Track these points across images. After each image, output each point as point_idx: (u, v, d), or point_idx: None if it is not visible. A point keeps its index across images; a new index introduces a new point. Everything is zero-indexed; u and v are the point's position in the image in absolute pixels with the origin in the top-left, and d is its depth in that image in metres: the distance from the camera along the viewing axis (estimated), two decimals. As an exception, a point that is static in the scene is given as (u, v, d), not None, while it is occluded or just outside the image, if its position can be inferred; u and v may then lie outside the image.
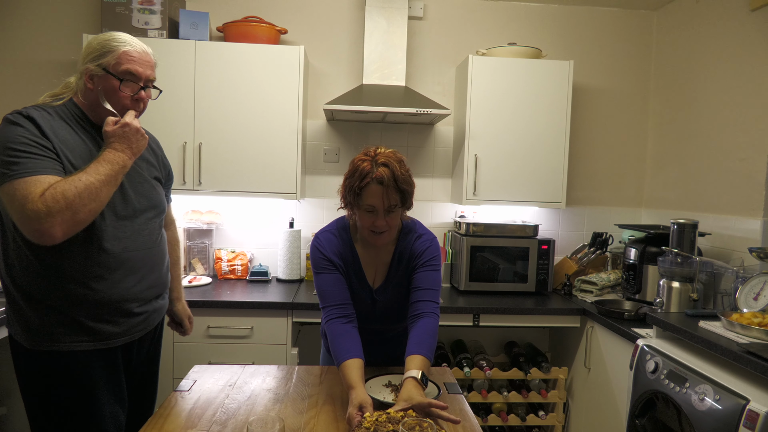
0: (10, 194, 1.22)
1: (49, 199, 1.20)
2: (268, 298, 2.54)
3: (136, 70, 1.41)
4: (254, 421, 1.13)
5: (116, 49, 1.39)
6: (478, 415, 2.65)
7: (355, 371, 1.39)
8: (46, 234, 1.22)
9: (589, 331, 2.58)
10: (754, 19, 2.41)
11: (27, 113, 1.31)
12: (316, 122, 3.07)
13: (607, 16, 3.18)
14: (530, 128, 2.84)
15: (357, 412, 1.28)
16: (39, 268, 1.33)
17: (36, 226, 1.20)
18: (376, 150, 1.50)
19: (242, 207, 3.02)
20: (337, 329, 1.50)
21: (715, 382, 1.60)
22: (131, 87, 1.41)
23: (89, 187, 1.26)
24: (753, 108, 2.40)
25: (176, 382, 2.42)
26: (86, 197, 1.25)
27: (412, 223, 1.66)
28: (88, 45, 1.43)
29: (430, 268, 1.58)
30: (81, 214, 1.25)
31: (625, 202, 3.26)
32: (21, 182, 1.22)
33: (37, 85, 2.87)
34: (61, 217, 1.22)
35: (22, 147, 1.25)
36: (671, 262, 2.27)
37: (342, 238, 1.61)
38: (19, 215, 1.22)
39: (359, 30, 3.01)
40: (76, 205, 1.24)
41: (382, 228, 1.48)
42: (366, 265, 1.62)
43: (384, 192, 1.44)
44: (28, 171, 1.23)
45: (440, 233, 3.15)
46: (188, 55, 2.62)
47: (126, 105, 1.42)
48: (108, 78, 1.39)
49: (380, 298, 1.63)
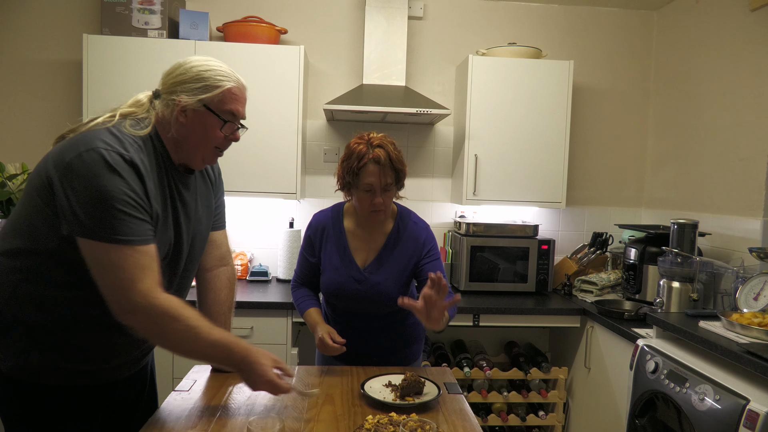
0: (112, 258, 1.10)
1: (158, 306, 1.12)
2: (268, 298, 2.54)
3: (238, 111, 1.29)
4: (254, 421, 1.13)
5: (221, 85, 1.26)
6: (478, 415, 2.65)
7: (316, 315, 1.72)
8: (122, 318, 1.14)
9: (589, 331, 2.58)
10: (754, 19, 2.41)
11: (130, 157, 1.13)
12: (316, 122, 3.07)
13: (607, 16, 3.18)
14: (530, 128, 2.84)
15: (327, 335, 1.60)
16: (56, 315, 1.19)
17: (124, 308, 1.12)
18: (369, 134, 1.63)
19: (242, 207, 3.02)
20: (301, 292, 1.82)
21: (715, 382, 1.60)
22: (231, 128, 1.29)
23: (190, 341, 1.18)
24: (753, 108, 2.40)
25: (176, 382, 2.42)
26: (180, 342, 1.18)
27: (406, 210, 1.77)
28: (180, 72, 1.27)
29: (435, 257, 1.71)
30: (161, 341, 1.19)
31: (625, 202, 3.26)
32: (129, 250, 1.10)
33: (37, 85, 2.90)
34: (147, 327, 1.15)
35: (126, 208, 1.10)
36: (671, 262, 2.27)
37: (334, 220, 1.75)
38: (117, 285, 1.11)
39: (359, 30, 3.01)
40: (166, 336, 1.17)
41: (379, 206, 1.60)
42: (356, 250, 1.72)
43: (381, 171, 1.56)
44: (128, 237, 1.10)
45: (440, 233, 3.15)
46: (188, 55, 2.60)
47: (218, 145, 1.30)
48: (208, 116, 1.25)
49: (370, 276, 1.69)
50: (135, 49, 2.59)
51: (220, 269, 1.55)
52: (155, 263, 1.16)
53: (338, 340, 1.62)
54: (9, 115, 2.89)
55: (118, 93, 2.57)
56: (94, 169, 1.08)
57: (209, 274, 1.53)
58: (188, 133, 1.26)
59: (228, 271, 1.57)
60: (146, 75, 2.60)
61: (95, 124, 1.19)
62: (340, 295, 1.73)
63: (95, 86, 2.58)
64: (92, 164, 1.08)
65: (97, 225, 1.08)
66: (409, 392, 1.43)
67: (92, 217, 1.08)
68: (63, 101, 2.88)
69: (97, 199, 1.08)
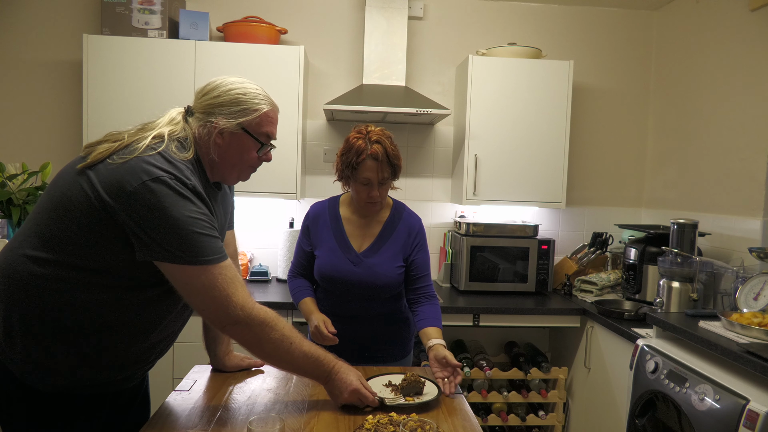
0: (204, 280, 1.14)
1: (257, 317, 1.20)
2: (268, 298, 2.54)
3: (273, 133, 1.32)
4: (254, 421, 1.13)
5: (259, 109, 1.27)
6: (478, 415, 2.65)
7: (312, 305, 1.79)
8: (224, 330, 1.21)
9: (589, 331, 2.58)
10: (754, 19, 2.41)
11: (192, 185, 1.16)
12: (316, 122, 3.07)
13: (607, 16, 3.18)
14: (530, 128, 2.84)
15: (323, 324, 1.66)
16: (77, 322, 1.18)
17: (225, 322, 1.18)
18: (367, 128, 1.70)
19: (242, 207, 3.02)
20: (297, 282, 1.89)
21: (715, 382, 1.60)
22: (266, 149, 1.32)
23: (284, 350, 1.26)
24: (753, 108, 2.40)
25: (176, 382, 2.42)
26: (275, 351, 1.25)
27: (401, 203, 1.87)
28: (217, 94, 1.26)
29: (424, 248, 1.82)
30: (258, 350, 1.25)
31: (625, 202, 3.26)
32: (216, 269, 1.15)
33: (37, 85, 2.90)
34: (247, 337, 1.21)
35: (203, 230, 1.14)
36: (671, 262, 2.27)
37: (330, 208, 1.85)
38: (214, 303, 1.16)
39: (359, 30, 3.01)
40: (263, 346, 1.23)
41: (376, 198, 1.70)
42: (352, 236, 1.80)
43: (378, 167, 1.64)
44: (212, 256, 1.15)
45: (440, 233, 3.16)
46: (188, 55, 2.62)
47: (252, 164, 1.33)
48: (246, 138, 1.27)
49: (366, 259, 1.77)
50: (135, 49, 2.59)
51: None
52: (239, 274, 1.22)
53: (332, 330, 1.68)
54: (9, 115, 2.89)
55: (118, 93, 2.60)
56: (166, 199, 1.10)
57: None
58: (225, 153, 1.28)
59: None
60: (146, 75, 2.61)
61: (145, 147, 1.16)
62: (336, 277, 1.76)
63: (95, 86, 2.58)
64: (161, 194, 1.10)
65: (184, 251, 1.11)
66: (408, 392, 1.44)
67: (176, 245, 1.11)
68: (63, 101, 2.88)
69: (177, 227, 1.11)
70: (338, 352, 1.72)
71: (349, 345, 1.75)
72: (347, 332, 1.74)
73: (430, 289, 1.80)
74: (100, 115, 2.58)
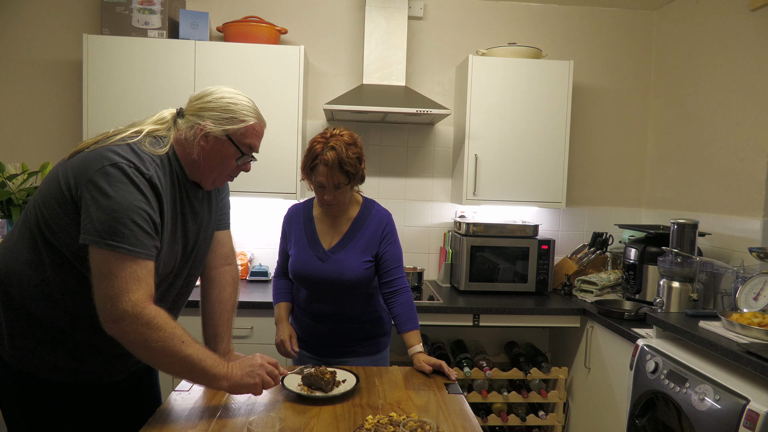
0: (112, 267, 1.12)
1: (145, 316, 1.13)
2: (268, 298, 2.54)
3: (255, 145, 1.37)
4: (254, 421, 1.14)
5: (247, 120, 1.32)
6: (478, 415, 2.64)
7: (284, 311, 1.88)
8: (107, 327, 1.14)
9: (589, 331, 2.58)
10: (754, 19, 2.41)
11: (149, 176, 1.17)
12: (316, 122, 3.07)
13: (607, 16, 3.18)
14: (530, 128, 2.84)
15: (288, 340, 1.78)
16: (71, 313, 1.22)
17: (110, 316, 1.13)
18: (332, 131, 1.71)
19: (242, 207, 3.02)
20: (279, 283, 1.96)
21: (715, 382, 1.60)
22: (246, 160, 1.37)
23: (169, 352, 1.17)
24: (753, 108, 2.40)
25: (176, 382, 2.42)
26: (162, 348, 1.16)
27: (371, 200, 1.89)
28: (209, 100, 1.31)
29: (392, 241, 1.84)
30: (144, 351, 1.17)
31: (625, 202, 3.26)
32: (129, 261, 1.13)
33: (37, 85, 2.90)
34: (131, 336, 1.14)
35: (138, 220, 1.14)
36: (671, 262, 2.27)
37: (305, 209, 1.89)
38: (110, 293, 1.12)
39: (359, 30, 3.01)
40: (149, 346, 1.15)
41: (330, 201, 1.73)
42: (322, 234, 1.83)
43: (329, 172, 1.66)
44: (133, 248, 1.13)
45: (440, 233, 3.16)
46: (188, 55, 2.61)
47: (230, 173, 1.37)
48: (228, 146, 1.31)
49: (332, 254, 1.80)
50: (135, 49, 2.59)
51: (224, 267, 1.58)
52: (151, 278, 1.18)
53: (296, 348, 1.79)
54: (9, 115, 2.89)
55: (118, 93, 2.60)
56: (117, 183, 1.13)
57: (214, 272, 1.56)
58: (206, 157, 1.31)
59: (232, 270, 1.60)
60: (146, 75, 2.60)
61: (119, 138, 1.22)
62: (304, 274, 1.80)
63: (95, 86, 2.58)
64: (115, 178, 1.13)
65: (107, 233, 1.12)
66: (311, 385, 1.45)
67: (104, 225, 1.12)
68: (63, 101, 2.88)
69: (114, 209, 1.12)
70: (313, 348, 1.85)
71: (324, 343, 1.84)
72: (321, 331, 1.83)
73: (402, 281, 1.82)
74: (100, 115, 2.58)
